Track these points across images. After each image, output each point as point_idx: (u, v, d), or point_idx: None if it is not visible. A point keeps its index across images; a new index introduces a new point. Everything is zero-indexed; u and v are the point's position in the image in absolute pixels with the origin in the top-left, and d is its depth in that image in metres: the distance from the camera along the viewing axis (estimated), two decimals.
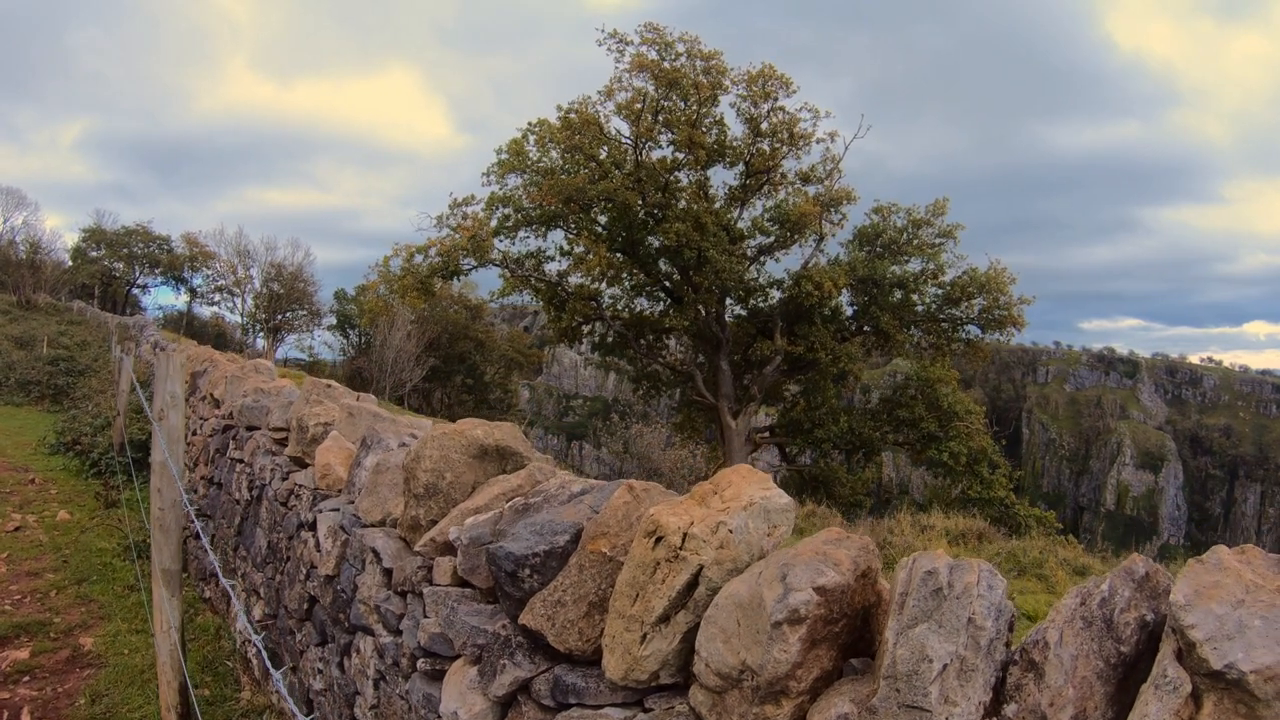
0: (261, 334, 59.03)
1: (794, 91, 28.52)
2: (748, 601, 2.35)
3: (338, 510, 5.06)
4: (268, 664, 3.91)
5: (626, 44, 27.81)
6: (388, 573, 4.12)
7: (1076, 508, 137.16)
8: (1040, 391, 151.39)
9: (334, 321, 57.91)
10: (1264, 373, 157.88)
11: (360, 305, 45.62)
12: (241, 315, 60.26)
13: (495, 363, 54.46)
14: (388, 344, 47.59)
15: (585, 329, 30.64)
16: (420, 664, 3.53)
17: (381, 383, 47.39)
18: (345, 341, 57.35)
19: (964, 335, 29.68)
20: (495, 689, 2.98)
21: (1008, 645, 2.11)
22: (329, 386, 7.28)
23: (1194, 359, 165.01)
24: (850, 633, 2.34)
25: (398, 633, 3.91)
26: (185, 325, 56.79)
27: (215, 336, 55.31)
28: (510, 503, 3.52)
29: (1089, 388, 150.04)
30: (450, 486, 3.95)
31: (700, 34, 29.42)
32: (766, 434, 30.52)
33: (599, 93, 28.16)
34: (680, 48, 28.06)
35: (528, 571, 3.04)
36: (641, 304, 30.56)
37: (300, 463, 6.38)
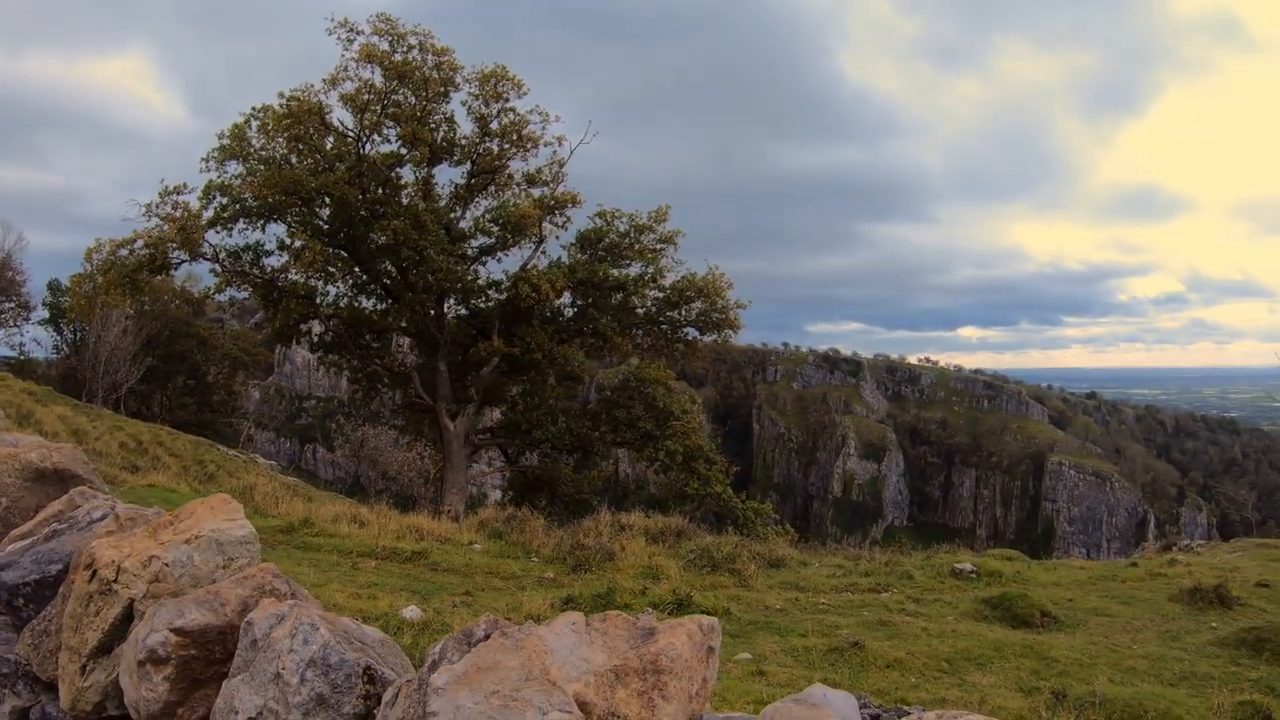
0: None
1: (525, 93, 28.52)
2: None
3: None
4: None
5: (357, 33, 26.81)
6: None
7: (807, 496, 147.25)
8: (770, 389, 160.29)
9: (46, 316, 52.40)
10: (976, 372, 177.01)
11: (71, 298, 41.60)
12: None
13: (219, 362, 51.27)
14: (102, 341, 43.70)
15: (303, 328, 29.38)
16: None
17: (95, 385, 43.40)
18: (59, 338, 52.12)
19: (683, 337, 30.70)
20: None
21: (366, 698, 2.05)
22: None
23: (912, 359, 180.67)
24: None
25: None
26: None
27: None
28: (48, 529, 3.44)
29: (815, 385, 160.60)
30: (8, 511, 3.83)
31: (454, 34, 28.95)
32: (487, 435, 30.50)
33: (323, 81, 26.99)
34: (413, 40, 27.32)
35: (22, 600, 3.03)
36: (364, 303, 29.67)
37: None
